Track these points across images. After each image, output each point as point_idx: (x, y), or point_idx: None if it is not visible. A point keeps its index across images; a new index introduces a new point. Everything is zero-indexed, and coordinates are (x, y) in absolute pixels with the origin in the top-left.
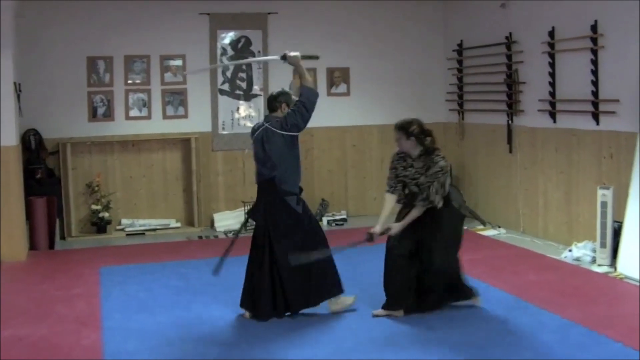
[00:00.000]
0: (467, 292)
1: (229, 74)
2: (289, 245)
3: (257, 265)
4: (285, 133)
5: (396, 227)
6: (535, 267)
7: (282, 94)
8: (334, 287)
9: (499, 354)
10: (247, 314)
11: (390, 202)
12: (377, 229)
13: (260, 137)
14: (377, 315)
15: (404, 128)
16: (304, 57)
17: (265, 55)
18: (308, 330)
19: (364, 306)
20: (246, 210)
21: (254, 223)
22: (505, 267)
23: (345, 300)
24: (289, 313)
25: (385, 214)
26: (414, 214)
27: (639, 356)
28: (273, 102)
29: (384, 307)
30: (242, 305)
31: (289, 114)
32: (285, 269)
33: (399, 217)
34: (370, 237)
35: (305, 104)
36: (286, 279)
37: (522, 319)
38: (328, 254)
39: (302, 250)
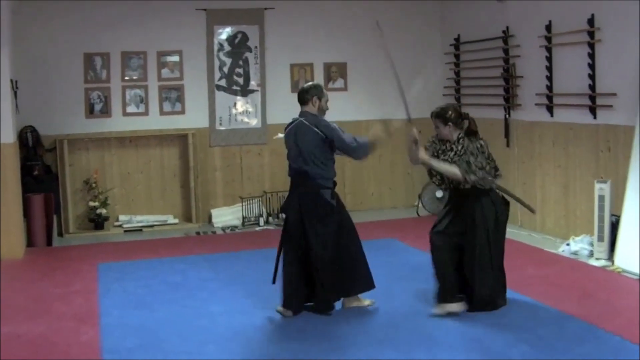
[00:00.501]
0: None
1: (225, 69)
2: (325, 235)
3: (289, 261)
4: (318, 131)
5: (422, 153)
6: (533, 261)
7: (313, 87)
8: (367, 282)
9: (497, 347)
10: (287, 312)
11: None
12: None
13: (294, 131)
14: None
15: (441, 115)
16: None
17: (263, 51)
18: (308, 325)
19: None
20: (244, 206)
21: (250, 220)
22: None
23: (363, 300)
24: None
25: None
26: (449, 167)
27: (638, 349)
28: (304, 95)
29: (439, 301)
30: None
31: (340, 135)
32: (320, 259)
33: (445, 210)
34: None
35: (356, 148)
36: (320, 270)
37: (520, 312)
38: None
39: (336, 243)
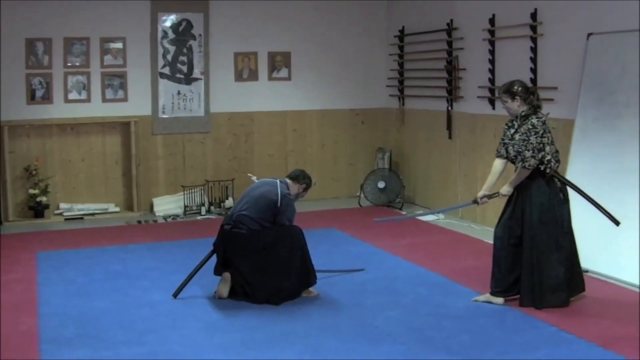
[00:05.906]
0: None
1: (169, 57)
2: None
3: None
4: (279, 197)
5: (505, 189)
6: (473, 252)
7: (309, 179)
8: (315, 276)
9: (438, 337)
10: None
11: (496, 166)
12: (481, 193)
13: (266, 183)
14: (477, 301)
15: (508, 90)
16: None
17: (207, 39)
18: (249, 316)
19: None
20: (186, 195)
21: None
22: (443, 252)
23: (312, 291)
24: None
25: (491, 178)
26: (516, 176)
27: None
28: (299, 176)
29: (491, 293)
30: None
31: (289, 218)
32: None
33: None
34: (475, 201)
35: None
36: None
37: (460, 302)
38: None
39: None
